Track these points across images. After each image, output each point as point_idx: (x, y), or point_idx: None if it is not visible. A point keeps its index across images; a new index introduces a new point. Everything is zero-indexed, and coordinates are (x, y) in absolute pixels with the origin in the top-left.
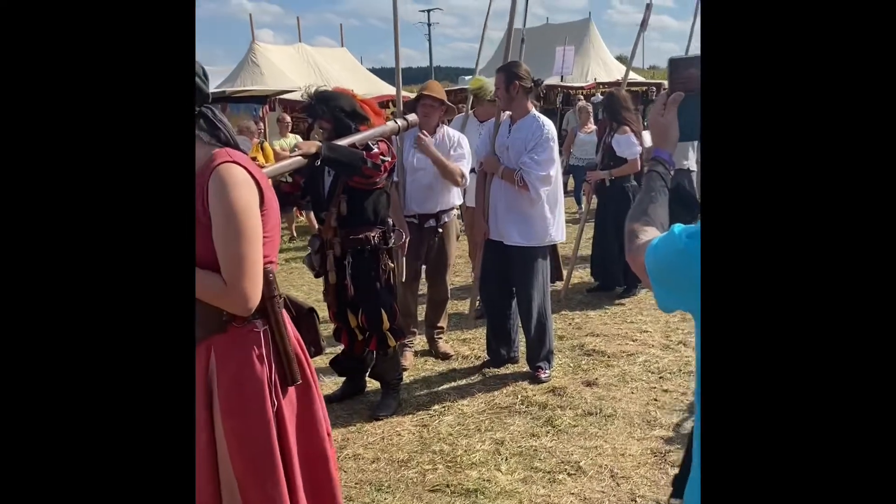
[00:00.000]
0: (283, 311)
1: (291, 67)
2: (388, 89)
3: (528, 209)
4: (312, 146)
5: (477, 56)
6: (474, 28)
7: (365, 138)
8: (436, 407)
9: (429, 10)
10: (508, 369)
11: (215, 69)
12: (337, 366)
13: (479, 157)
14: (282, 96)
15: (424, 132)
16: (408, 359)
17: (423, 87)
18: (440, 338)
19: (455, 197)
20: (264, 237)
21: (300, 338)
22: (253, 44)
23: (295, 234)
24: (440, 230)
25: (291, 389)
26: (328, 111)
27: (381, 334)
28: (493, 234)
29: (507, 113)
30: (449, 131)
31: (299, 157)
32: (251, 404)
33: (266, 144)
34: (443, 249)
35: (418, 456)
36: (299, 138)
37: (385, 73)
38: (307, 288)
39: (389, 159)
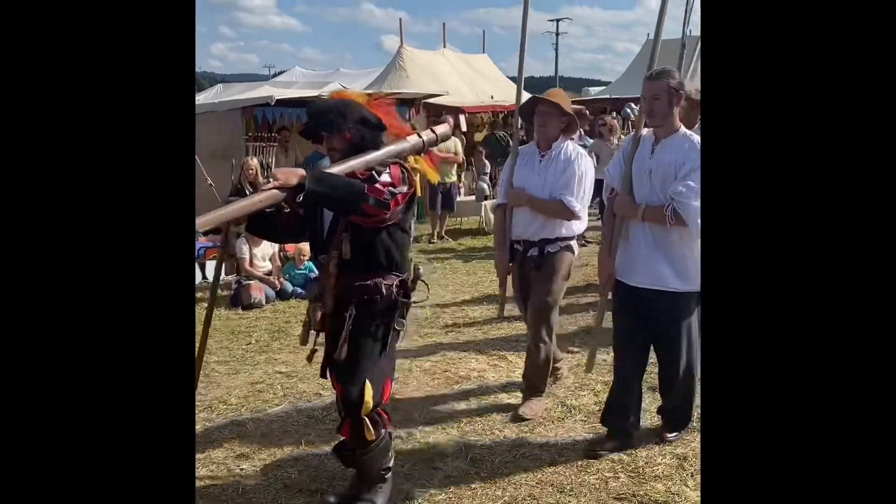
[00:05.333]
0: None
1: (437, 72)
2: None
3: (681, 246)
4: (293, 176)
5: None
6: (599, 39)
7: (371, 162)
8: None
9: (558, 20)
10: None
11: (347, 72)
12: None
13: (610, 182)
14: (427, 100)
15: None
16: (563, 370)
17: (546, 93)
18: (533, 398)
19: (564, 228)
20: None
21: None
22: (401, 48)
23: (444, 235)
24: (540, 262)
25: None
26: (350, 125)
27: (357, 418)
28: (639, 278)
29: (648, 130)
30: (568, 147)
31: (274, 191)
32: None
33: None
34: (542, 288)
35: (596, 463)
36: (457, 140)
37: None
38: (453, 288)
39: (405, 190)
